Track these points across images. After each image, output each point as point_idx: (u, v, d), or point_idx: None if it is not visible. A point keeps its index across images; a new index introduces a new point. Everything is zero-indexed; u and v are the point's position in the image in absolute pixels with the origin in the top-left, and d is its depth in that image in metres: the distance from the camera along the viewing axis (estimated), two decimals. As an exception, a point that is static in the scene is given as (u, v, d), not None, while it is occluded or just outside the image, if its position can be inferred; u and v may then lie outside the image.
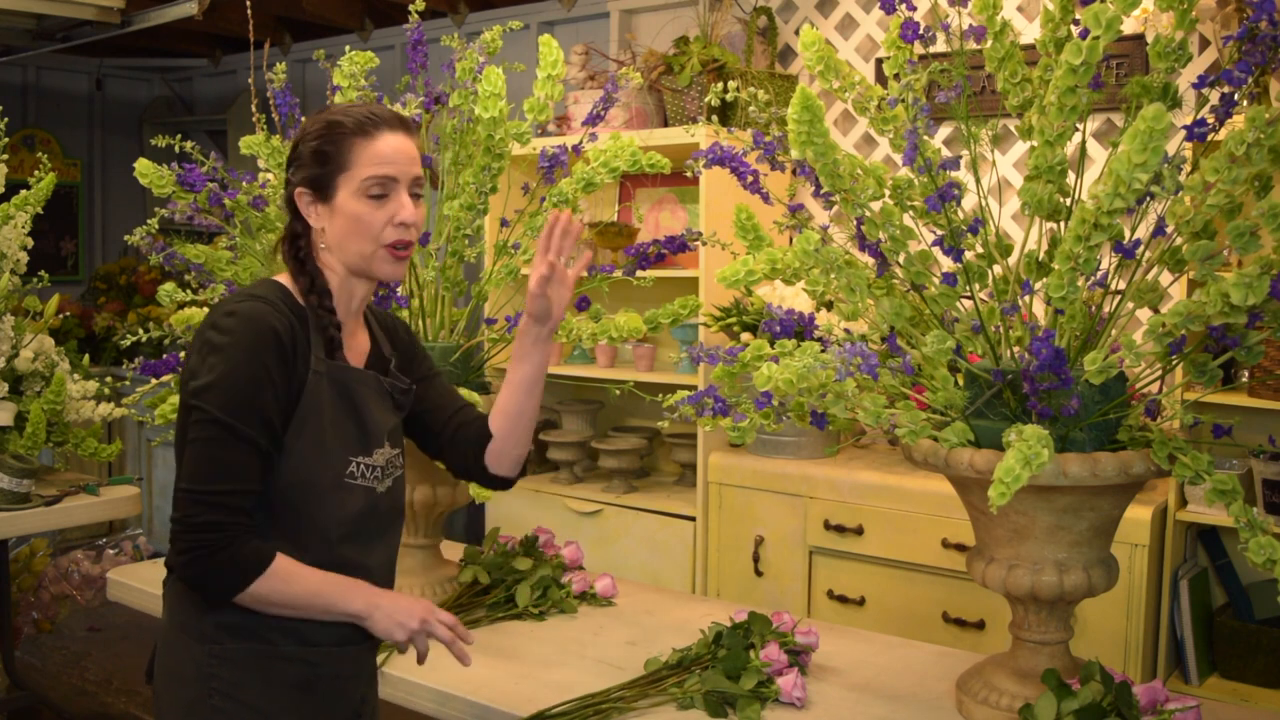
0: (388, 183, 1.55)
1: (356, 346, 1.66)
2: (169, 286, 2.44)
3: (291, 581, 1.48)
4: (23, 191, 3.15)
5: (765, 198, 1.93)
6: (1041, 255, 1.71)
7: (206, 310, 1.95)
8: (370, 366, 1.66)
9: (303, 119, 1.64)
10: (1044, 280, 1.59)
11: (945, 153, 1.71)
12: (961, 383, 1.70)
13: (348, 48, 2.37)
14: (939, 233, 1.67)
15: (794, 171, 2.02)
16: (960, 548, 2.92)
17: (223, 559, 1.45)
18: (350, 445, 1.57)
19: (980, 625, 2.93)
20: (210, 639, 1.52)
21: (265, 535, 1.50)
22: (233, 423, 1.45)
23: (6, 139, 3.15)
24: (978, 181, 1.77)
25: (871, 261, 1.71)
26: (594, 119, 2.34)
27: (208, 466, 1.46)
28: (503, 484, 1.79)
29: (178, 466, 1.51)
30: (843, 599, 3.16)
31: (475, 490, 1.97)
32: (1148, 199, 1.57)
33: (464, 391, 2.12)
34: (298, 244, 1.59)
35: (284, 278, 1.60)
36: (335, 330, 1.57)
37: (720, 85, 2.00)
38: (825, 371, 1.53)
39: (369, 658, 1.67)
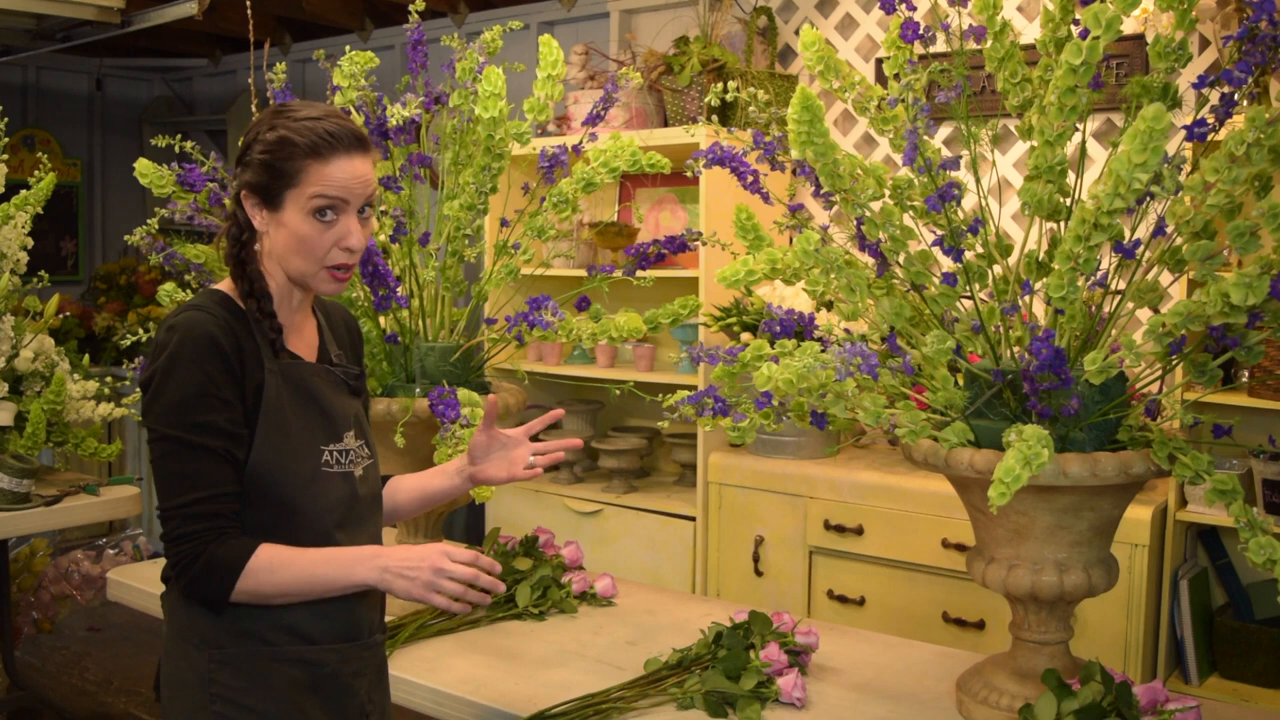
0: (338, 204, 1.52)
1: (305, 340, 1.64)
2: (169, 286, 2.44)
3: (279, 569, 1.47)
4: (23, 191, 3.14)
5: (765, 198, 1.93)
6: (1041, 255, 1.71)
7: None
8: (319, 358, 1.66)
9: (260, 111, 1.60)
10: (1044, 280, 1.58)
11: (945, 153, 1.71)
12: (961, 383, 1.70)
13: (348, 48, 2.37)
14: (939, 233, 1.67)
15: (794, 171, 2.02)
16: (960, 548, 2.92)
17: (202, 565, 1.45)
18: (319, 435, 1.57)
19: (980, 625, 2.93)
20: (211, 644, 1.51)
21: (258, 536, 1.49)
22: (183, 435, 1.45)
23: (6, 139, 3.15)
24: (978, 181, 1.77)
25: (871, 261, 1.71)
26: (594, 119, 2.34)
27: (171, 483, 1.47)
28: None
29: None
30: (843, 599, 3.16)
31: (475, 492, 1.97)
32: (1148, 199, 1.57)
33: (463, 393, 2.12)
34: (240, 240, 1.56)
35: (225, 284, 1.59)
36: (275, 334, 1.55)
37: (720, 85, 2.00)
38: (825, 371, 1.53)
39: (373, 654, 1.65)
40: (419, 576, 1.48)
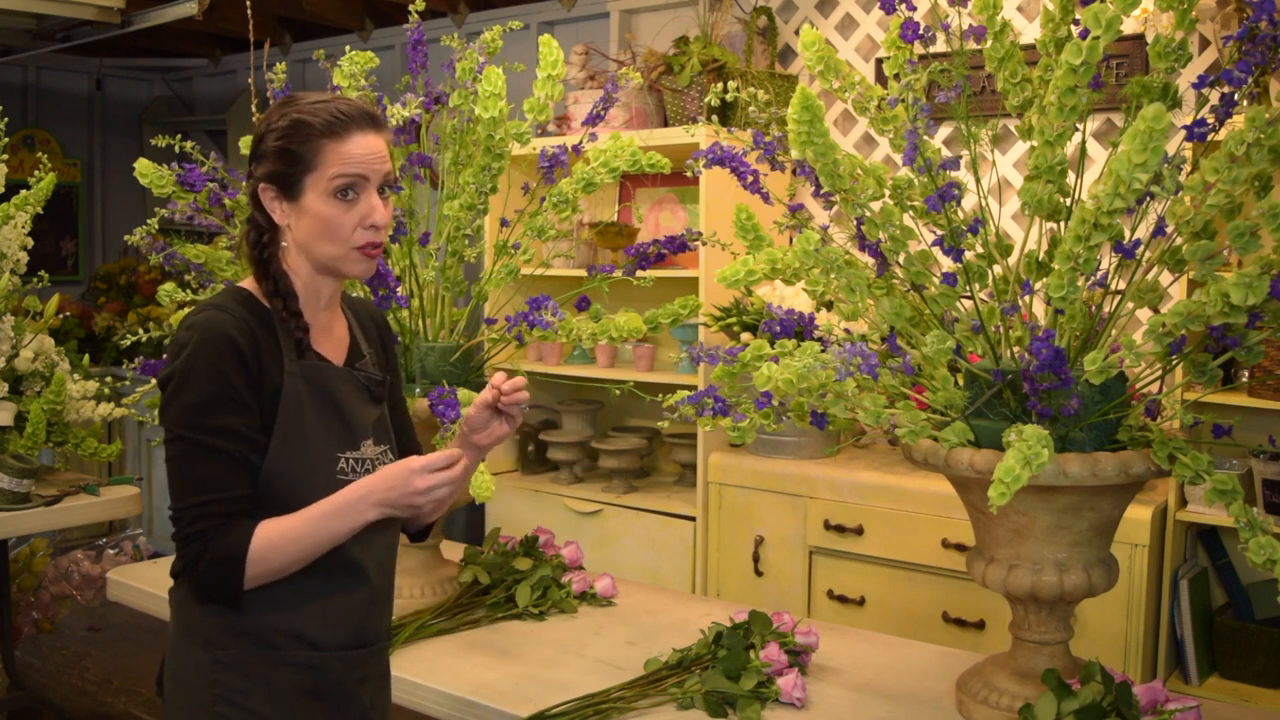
0: (359, 182, 1.51)
1: (334, 340, 1.63)
2: (169, 286, 2.44)
3: (284, 546, 1.46)
4: (23, 191, 3.14)
5: (765, 198, 1.93)
6: (1041, 255, 1.71)
7: None
8: (350, 357, 1.64)
9: (269, 107, 1.60)
10: (1044, 280, 1.59)
11: (945, 153, 1.71)
12: (961, 383, 1.70)
13: (348, 48, 2.37)
14: (939, 233, 1.67)
15: (794, 171, 2.02)
16: (960, 548, 2.92)
17: (206, 564, 1.44)
18: (336, 442, 1.56)
19: (980, 625, 2.93)
20: (216, 645, 1.51)
21: None
22: (197, 437, 1.44)
23: (6, 139, 3.15)
24: (978, 181, 1.77)
25: (871, 261, 1.71)
26: (594, 119, 2.34)
27: (183, 483, 1.46)
28: (412, 538, 1.84)
29: None
30: (843, 599, 3.16)
31: (475, 491, 1.97)
32: (1148, 199, 1.58)
33: (463, 393, 2.12)
34: (261, 241, 1.55)
35: (249, 282, 1.57)
36: (302, 333, 1.54)
37: (720, 85, 2.00)
38: (825, 371, 1.53)
39: (377, 660, 1.65)
40: (410, 502, 1.47)
